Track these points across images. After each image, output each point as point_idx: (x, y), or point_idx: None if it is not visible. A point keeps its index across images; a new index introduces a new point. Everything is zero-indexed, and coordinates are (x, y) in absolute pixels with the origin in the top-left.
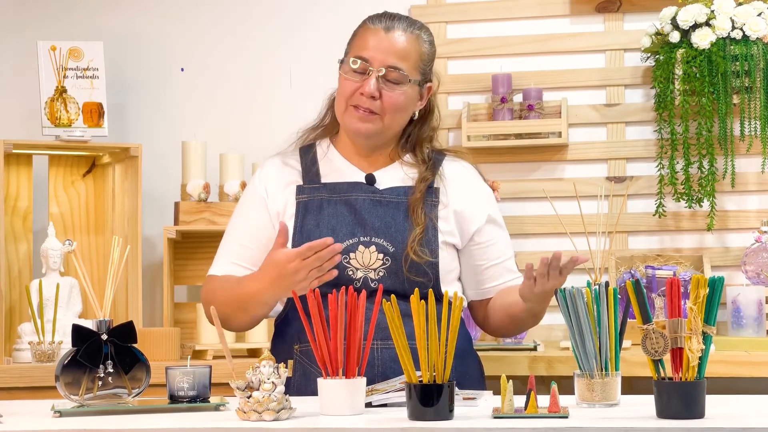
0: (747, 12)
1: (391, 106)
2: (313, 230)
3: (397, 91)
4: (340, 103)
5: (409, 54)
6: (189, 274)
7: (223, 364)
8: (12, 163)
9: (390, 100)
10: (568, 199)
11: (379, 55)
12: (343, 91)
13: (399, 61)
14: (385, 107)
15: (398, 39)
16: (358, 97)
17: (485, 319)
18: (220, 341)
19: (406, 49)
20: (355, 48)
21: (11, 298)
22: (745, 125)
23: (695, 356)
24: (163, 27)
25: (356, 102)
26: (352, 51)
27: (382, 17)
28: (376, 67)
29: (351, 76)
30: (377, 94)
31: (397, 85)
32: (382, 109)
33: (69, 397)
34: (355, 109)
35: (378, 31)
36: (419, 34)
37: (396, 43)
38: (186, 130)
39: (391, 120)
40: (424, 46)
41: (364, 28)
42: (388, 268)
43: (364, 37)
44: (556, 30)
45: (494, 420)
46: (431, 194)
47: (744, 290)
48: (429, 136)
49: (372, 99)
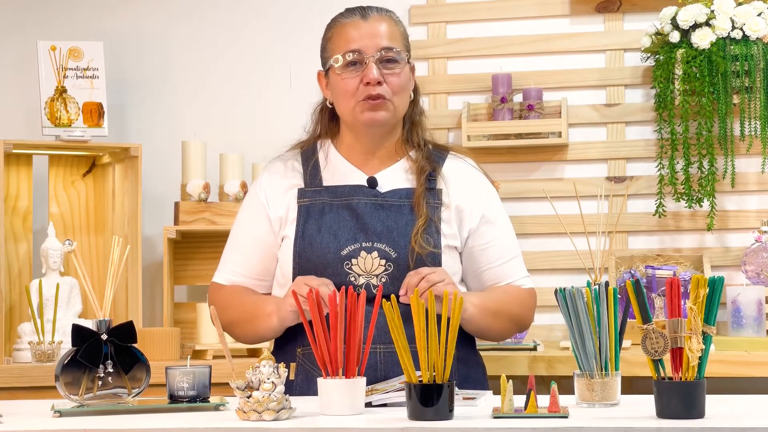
0: (747, 12)
1: (397, 87)
2: (315, 235)
3: (397, 71)
4: (346, 102)
5: (394, 34)
6: (189, 274)
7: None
8: (12, 163)
9: (394, 80)
10: (568, 199)
11: (369, 41)
12: (345, 89)
13: (389, 42)
14: (393, 89)
15: (379, 22)
16: (363, 89)
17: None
18: (220, 341)
19: (389, 29)
20: (340, 46)
21: (11, 298)
22: (745, 125)
23: (695, 356)
24: (163, 27)
25: (364, 94)
26: (339, 49)
27: (352, 10)
28: (371, 53)
29: (348, 74)
30: (382, 79)
31: (396, 64)
32: (389, 92)
33: (69, 397)
34: (365, 101)
35: (356, 22)
36: (391, 14)
37: (379, 26)
38: (186, 130)
39: (399, 101)
40: (400, 26)
41: (338, 26)
42: (390, 274)
43: (343, 33)
44: (556, 30)
45: (494, 420)
46: (434, 196)
47: (744, 290)
48: (420, 119)
49: (378, 84)
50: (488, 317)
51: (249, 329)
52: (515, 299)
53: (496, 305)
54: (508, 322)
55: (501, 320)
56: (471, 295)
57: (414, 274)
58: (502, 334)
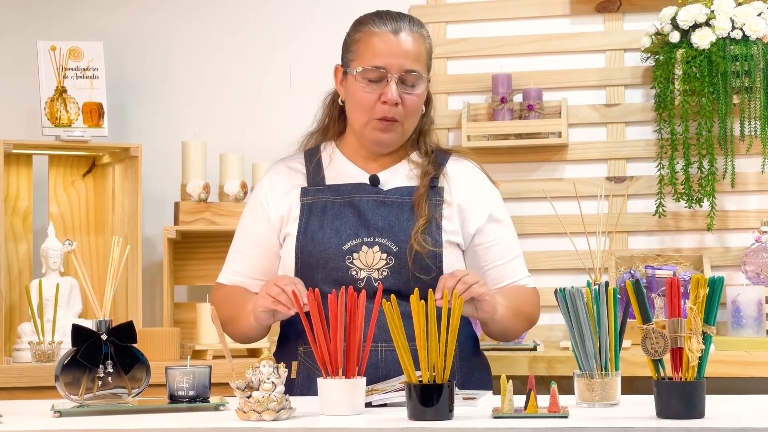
0: (747, 12)
1: (412, 110)
2: (317, 232)
3: (415, 94)
4: (360, 116)
5: (420, 54)
6: (189, 274)
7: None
8: (12, 163)
9: (411, 103)
10: (568, 199)
11: (395, 60)
12: (362, 103)
13: (414, 64)
14: (407, 112)
15: (408, 41)
16: (380, 107)
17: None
18: (220, 341)
19: (417, 50)
20: (367, 56)
21: (11, 298)
22: (745, 125)
23: (695, 356)
24: (163, 27)
25: (380, 113)
26: (363, 59)
27: (385, 19)
28: (394, 73)
29: (369, 88)
30: (399, 100)
31: (415, 87)
32: (403, 114)
33: (69, 397)
34: (379, 121)
35: (386, 35)
36: (421, 32)
37: (408, 46)
38: (186, 130)
39: (410, 124)
40: (427, 43)
41: (368, 32)
42: (392, 268)
43: (370, 43)
44: (556, 30)
45: (494, 420)
46: (436, 194)
47: (744, 290)
48: (429, 128)
49: (395, 106)
50: (513, 317)
51: (236, 328)
52: (528, 298)
53: (516, 305)
54: (525, 320)
55: (520, 320)
56: (498, 295)
57: (449, 277)
58: (519, 333)
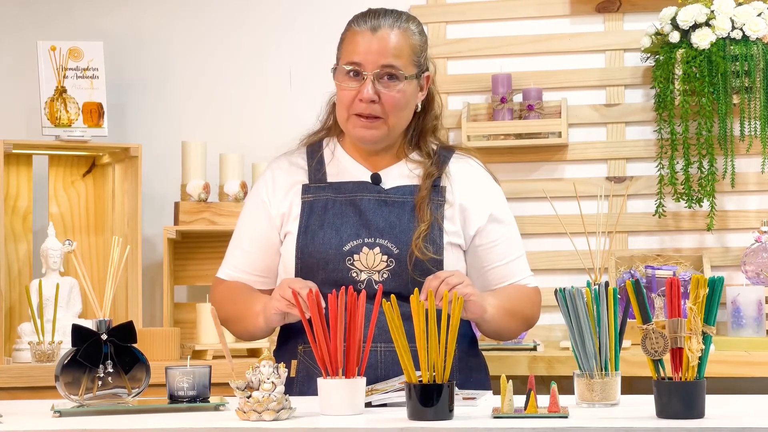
0: (747, 12)
1: (392, 107)
2: (318, 231)
3: (395, 90)
4: (341, 112)
5: (401, 50)
6: (189, 274)
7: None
8: (12, 163)
9: (390, 100)
10: (568, 199)
11: (371, 57)
12: (342, 100)
13: (392, 59)
14: (387, 108)
15: (387, 37)
16: (357, 104)
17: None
18: (220, 341)
19: (397, 45)
20: (346, 54)
21: (11, 298)
22: (745, 125)
23: (695, 356)
24: (163, 27)
25: (358, 110)
26: (343, 57)
27: (366, 17)
28: (370, 70)
29: (347, 84)
30: (376, 98)
31: (394, 83)
32: (383, 111)
33: (69, 397)
34: (358, 117)
35: (365, 33)
36: (407, 26)
37: (386, 43)
38: (186, 130)
39: (395, 120)
40: (414, 38)
41: (350, 31)
42: (392, 270)
43: (352, 41)
44: (556, 30)
45: (494, 420)
46: (438, 193)
47: (744, 290)
48: (433, 126)
49: (372, 103)
50: (506, 317)
51: (240, 327)
52: (526, 298)
53: (511, 305)
54: (521, 321)
55: (516, 320)
56: (489, 296)
57: (433, 278)
58: (515, 333)
